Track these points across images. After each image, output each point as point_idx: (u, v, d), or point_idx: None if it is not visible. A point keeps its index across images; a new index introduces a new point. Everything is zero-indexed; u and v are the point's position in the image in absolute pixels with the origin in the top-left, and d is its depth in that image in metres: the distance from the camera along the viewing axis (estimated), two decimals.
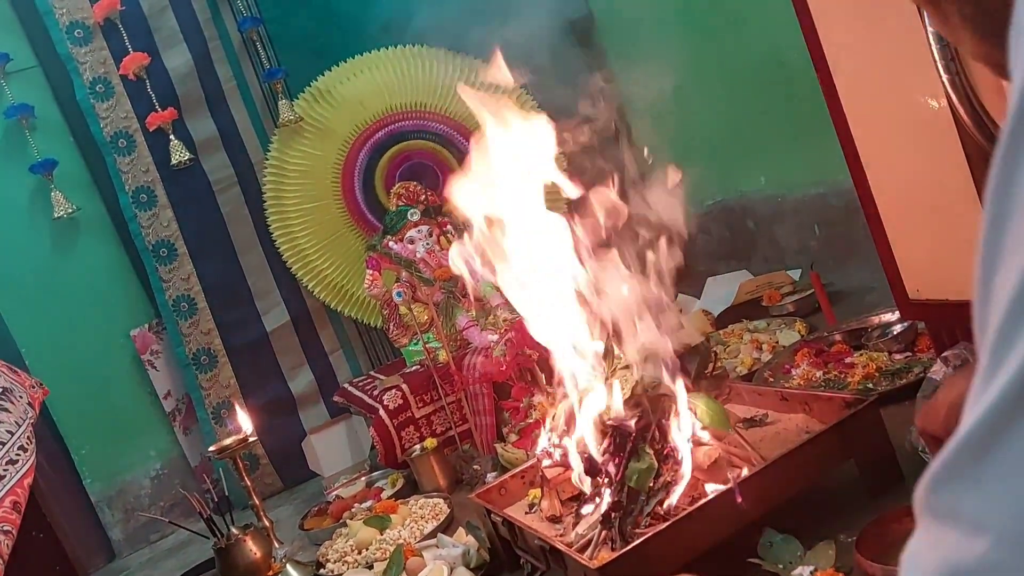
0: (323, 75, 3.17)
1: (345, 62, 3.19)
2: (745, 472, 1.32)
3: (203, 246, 3.11)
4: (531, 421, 2.27)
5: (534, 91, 3.31)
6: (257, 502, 2.08)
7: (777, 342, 2.28)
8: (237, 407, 2.26)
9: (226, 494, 2.12)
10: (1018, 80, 0.37)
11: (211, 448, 2.11)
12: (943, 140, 1.42)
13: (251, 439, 2.10)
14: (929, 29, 1.36)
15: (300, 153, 3.10)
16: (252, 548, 1.93)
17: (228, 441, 2.08)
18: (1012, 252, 0.36)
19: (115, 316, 3.17)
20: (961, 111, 1.35)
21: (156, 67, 3.06)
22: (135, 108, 3.05)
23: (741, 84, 2.91)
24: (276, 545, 2.04)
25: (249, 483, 2.08)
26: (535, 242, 1.54)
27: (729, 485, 1.30)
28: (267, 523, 2.08)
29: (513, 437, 2.34)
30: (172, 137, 3.02)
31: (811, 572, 1.07)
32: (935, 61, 1.35)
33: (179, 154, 2.99)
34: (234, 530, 1.96)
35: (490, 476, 2.16)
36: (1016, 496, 0.34)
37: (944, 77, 1.35)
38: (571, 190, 1.55)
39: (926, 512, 0.39)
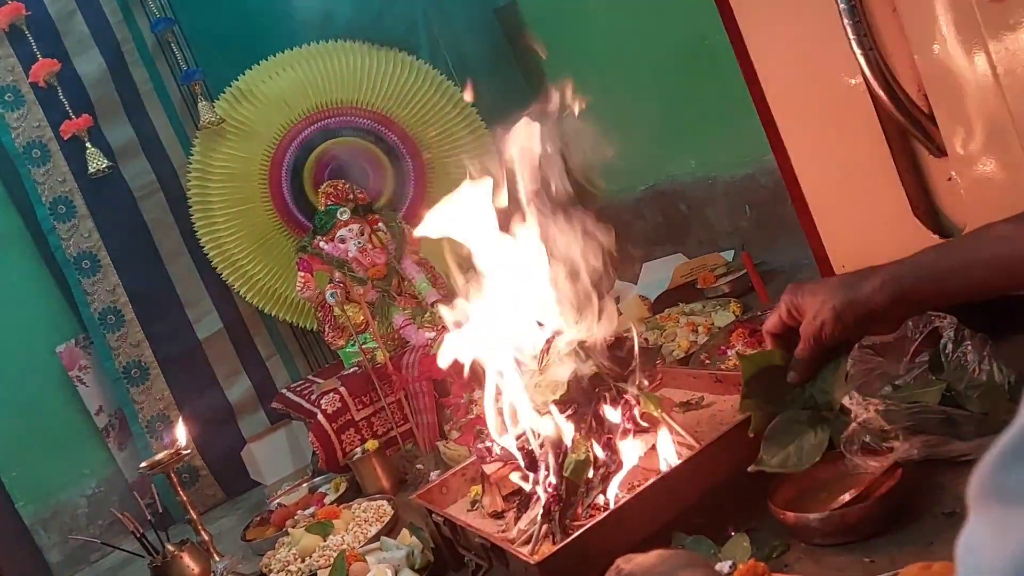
0: (244, 75, 3.09)
1: (266, 60, 3.12)
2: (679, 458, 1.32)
3: (127, 256, 3.01)
4: (472, 417, 2.25)
5: (463, 85, 3.28)
6: (194, 516, 2.02)
7: (713, 324, 2.29)
8: (176, 420, 2.20)
9: (160, 510, 2.05)
10: None
11: (143, 464, 2.04)
12: (860, 116, 1.44)
13: (185, 452, 2.03)
14: (842, 6, 1.37)
15: (224, 155, 3.02)
16: (189, 564, 1.87)
17: (160, 456, 2.01)
18: None
19: (39, 333, 3.06)
20: (876, 86, 1.37)
21: (67, 73, 2.94)
22: (48, 116, 2.94)
23: (667, 68, 2.92)
24: (216, 558, 1.99)
25: (185, 497, 2.02)
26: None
27: (666, 471, 1.29)
28: (205, 537, 2.02)
29: (455, 434, 2.32)
30: (88, 145, 2.91)
31: (730, 566, 1.06)
32: (849, 39, 1.37)
33: (97, 162, 2.89)
34: (169, 547, 1.90)
35: (434, 475, 2.14)
36: None
37: (858, 53, 1.36)
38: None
39: (992, 495, 0.36)
